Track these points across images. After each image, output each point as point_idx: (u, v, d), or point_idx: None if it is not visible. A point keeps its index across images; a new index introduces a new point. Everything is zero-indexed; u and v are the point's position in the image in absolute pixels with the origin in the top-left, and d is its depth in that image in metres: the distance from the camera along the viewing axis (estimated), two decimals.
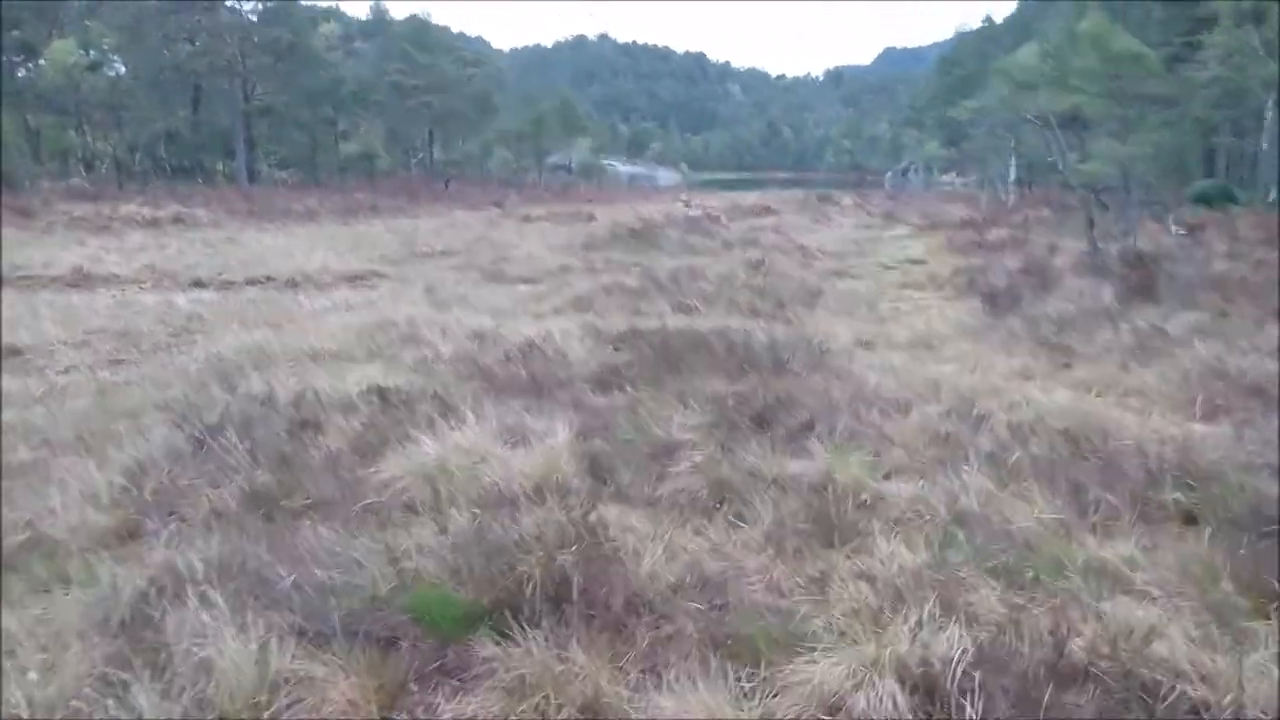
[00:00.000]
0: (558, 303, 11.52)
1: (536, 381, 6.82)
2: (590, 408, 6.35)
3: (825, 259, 18.10)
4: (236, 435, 5.05)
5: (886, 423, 5.85)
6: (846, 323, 10.76)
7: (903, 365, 8.10)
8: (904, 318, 11.36)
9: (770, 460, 4.95)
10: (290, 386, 6.78)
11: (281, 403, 5.82)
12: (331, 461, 5.10)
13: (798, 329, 8.66)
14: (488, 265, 17.50)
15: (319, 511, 4.48)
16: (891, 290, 14.39)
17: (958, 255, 19.03)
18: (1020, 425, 5.85)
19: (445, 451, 4.97)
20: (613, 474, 5.01)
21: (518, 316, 10.67)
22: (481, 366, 7.56)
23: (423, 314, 10.29)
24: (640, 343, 8.40)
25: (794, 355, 7.21)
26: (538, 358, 7.56)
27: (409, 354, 8.45)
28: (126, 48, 41.05)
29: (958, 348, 9.22)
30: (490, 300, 11.99)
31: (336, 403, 6.29)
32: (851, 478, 4.78)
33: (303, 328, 10.09)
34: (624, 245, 18.99)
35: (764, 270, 13.05)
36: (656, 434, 5.79)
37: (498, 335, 8.74)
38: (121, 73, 43.67)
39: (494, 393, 6.81)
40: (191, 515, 4.34)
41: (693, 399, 6.39)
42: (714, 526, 4.38)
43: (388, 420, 5.73)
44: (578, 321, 9.95)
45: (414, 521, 4.31)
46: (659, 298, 11.67)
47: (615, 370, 7.31)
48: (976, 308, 11.50)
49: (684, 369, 7.31)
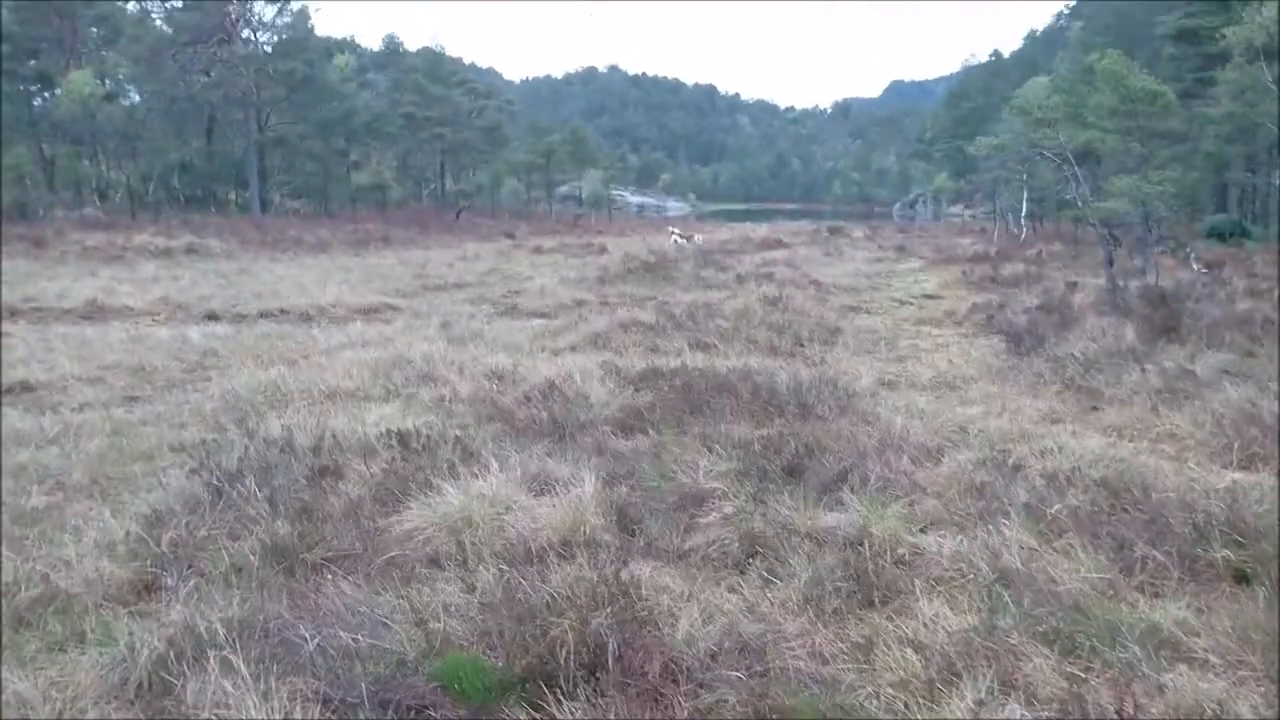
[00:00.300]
0: (574, 339, 11.42)
1: (558, 424, 6.70)
2: (613, 452, 6.24)
3: (840, 294, 17.98)
4: (255, 483, 4.93)
5: (918, 471, 5.71)
6: (867, 362, 10.63)
7: (928, 408, 7.95)
8: (925, 356, 11.21)
9: (803, 512, 4.80)
10: (308, 428, 6.69)
11: (300, 448, 5.68)
12: (352, 510, 4.98)
13: (821, 369, 8.52)
14: (501, 299, 17.47)
15: (340, 565, 4.35)
16: (908, 327, 14.26)
17: (972, 290, 18.92)
18: (1056, 474, 5.69)
19: (469, 501, 4.84)
20: (640, 525, 4.88)
21: (534, 354, 10.57)
22: (501, 408, 7.45)
23: (438, 350, 10.19)
24: (661, 383, 8.29)
25: (819, 398, 7.08)
26: (558, 399, 7.44)
27: (426, 393, 8.36)
28: (143, 78, 41.42)
29: (982, 389, 9.07)
30: (505, 336, 11.90)
31: (356, 446, 6.18)
32: (888, 531, 4.64)
33: (318, 364, 10.01)
34: (637, 279, 18.94)
35: (781, 306, 12.94)
36: (682, 481, 5.67)
37: (515, 374, 8.64)
38: (136, 102, 44.09)
39: (515, 435, 6.70)
40: (210, 569, 4.21)
41: (718, 444, 6.27)
42: (747, 583, 4.24)
43: (409, 466, 5.61)
44: (596, 359, 9.84)
45: (439, 577, 4.18)
46: (676, 334, 11.56)
47: (637, 412, 7.19)
48: (999, 346, 11.37)
49: (707, 412, 7.20)
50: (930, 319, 15.03)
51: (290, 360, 10.46)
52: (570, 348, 11.05)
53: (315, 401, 8.26)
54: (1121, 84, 15.29)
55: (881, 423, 7.05)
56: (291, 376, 9.10)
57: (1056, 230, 31.56)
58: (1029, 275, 19.67)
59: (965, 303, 16.55)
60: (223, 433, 7.07)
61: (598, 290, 17.73)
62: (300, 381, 8.92)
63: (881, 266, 26.01)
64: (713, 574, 4.35)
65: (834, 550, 4.48)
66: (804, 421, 6.79)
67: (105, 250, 25.21)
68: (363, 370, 9.39)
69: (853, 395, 7.32)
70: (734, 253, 27.79)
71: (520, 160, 60.33)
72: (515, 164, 59.82)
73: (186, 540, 4.46)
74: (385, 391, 8.53)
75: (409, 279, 20.28)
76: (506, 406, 7.46)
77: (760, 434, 6.45)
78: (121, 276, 19.83)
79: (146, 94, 42.35)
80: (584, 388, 7.71)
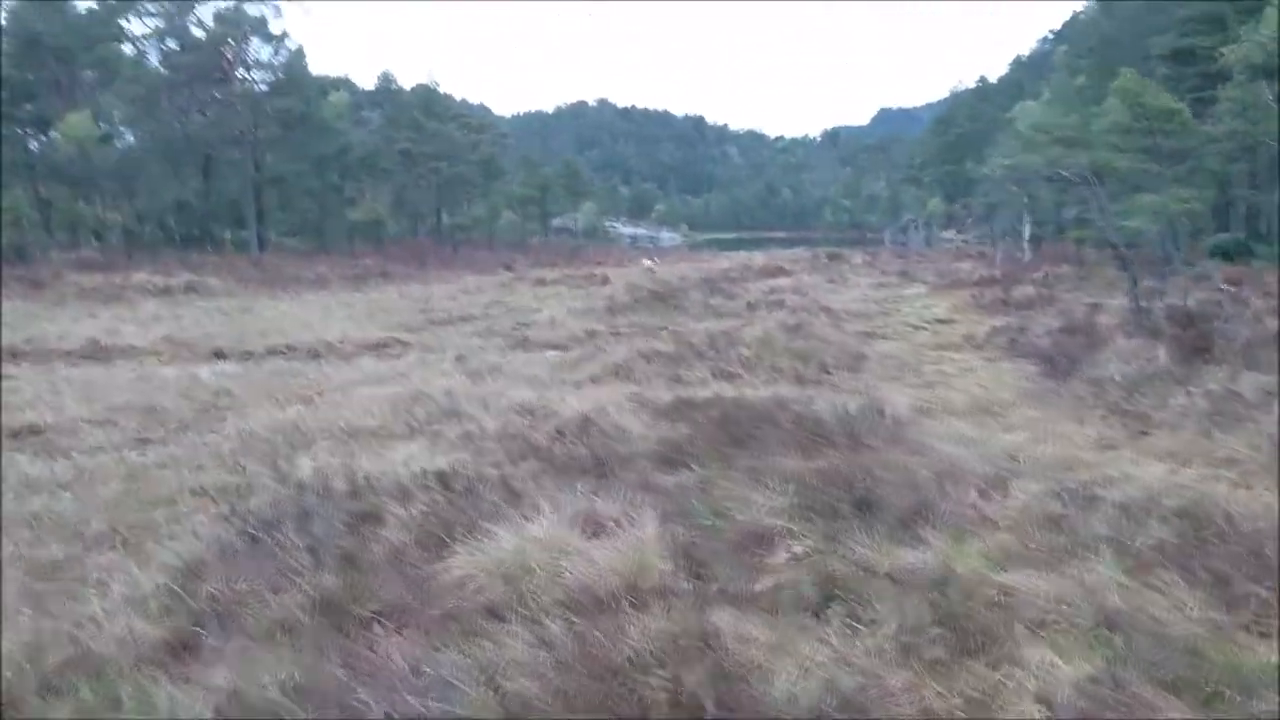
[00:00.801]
0: (594, 370, 11.14)
1: (599, 460, 6.41)
2: (659, 489, 5.93)
3: (852, 320, 17.76)
4: (294, 531, 4.62)
5: (986, 504, 5.42)
6: (896, 388, 10.37)
7: (973, 435, 7.68)
8: (953, 381, 10.96)
9: (881, 551, 4.51)
10: (334, 468, 6.39)
11: (338, 492, 5.38)
12: (396, 557, 4.68)
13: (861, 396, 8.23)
14: (510, 331, 17.21)
15: (392, 618, 4.04)
16: (928, 351, 14.01)
17: (985, 314, 18.72)
18: (1129, 505, 5.42)
19: (523, 545, 4.54)
20: (706, 568, 4.58)
21: (556, 386, 10.28)
22: (534, 444, 7.16)
23: (458, 385, 9.93)
24: (695, 414, 8.01)
25: (868, 427, 6.80)
26: (594, 433, 7.15)
27: (451, 429, 8.07)
28: (139, 119, 41.35)
29: (1022, 414, 8.80)
30: (523, 369, 11.62)
31: (388, 488, 5.89)
32: (971, 570, 4.36)
33: (334, 402, 9.72)
34: (646, 309, 18.71)
35: (803, 334, 12.70)
36: (738, 519, 5.38)
37: (543, 408, 8.35)
38: (132, 144, 43.99)
39: (554, 473, 6.41)
40: (254, 627, 3.90)
41: (768, 478, 5.99)
42: (831, 630, 3.94)
43: (450, 508, 5.31)
44: (621, 391, 9.56)
45: (502, 631, 3.87)
46: (698, 364, 11.30)
47: (677, 446, 6.90)
48: (1029, 370, 11.13)
49: (750, 444, 6.91)
50: (949, 343, 14.79)
51: (305, 398, 10.17)
52: (591, 379, 10.77)
53: (337, 440, 7.97)
54: (1137, 102, 15.20)
55: (932, 451, 6.79)
56: (310, 415, 8.82)
57: (1060, 252, 31.45)
58: (1040, 298, 19.49)
59: (981, 326, 16.34)
60: (243, 474, 6.78)
61: (608, 320, 17.48)
62: (319, 420, 8.63)
63: (887, 292, 25.84)
64: (791, 620, 4.05)
65: (918, 592, 4.19)
66: (854, 452, 6.51)
67: (104, 290, 24.93)
68: (382, 407, 9.09)
69: (902, 424, 7.03)
70: (737, 280, 27.63)
71: (515, 194, 60.36)
72: (511, 197, 59.83)
73: (225, 594, 4.14)
74: (408, 428, 8.23)
75: (413, 313, 20.02)
76: (539, 442, 7.17)
77: (811, 466, 6.16)
78: (122, 316, 19.55)
79: (143, 135, 42.23)
80: (619, 421, 7.42)
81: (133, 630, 3.98)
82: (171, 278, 27.28)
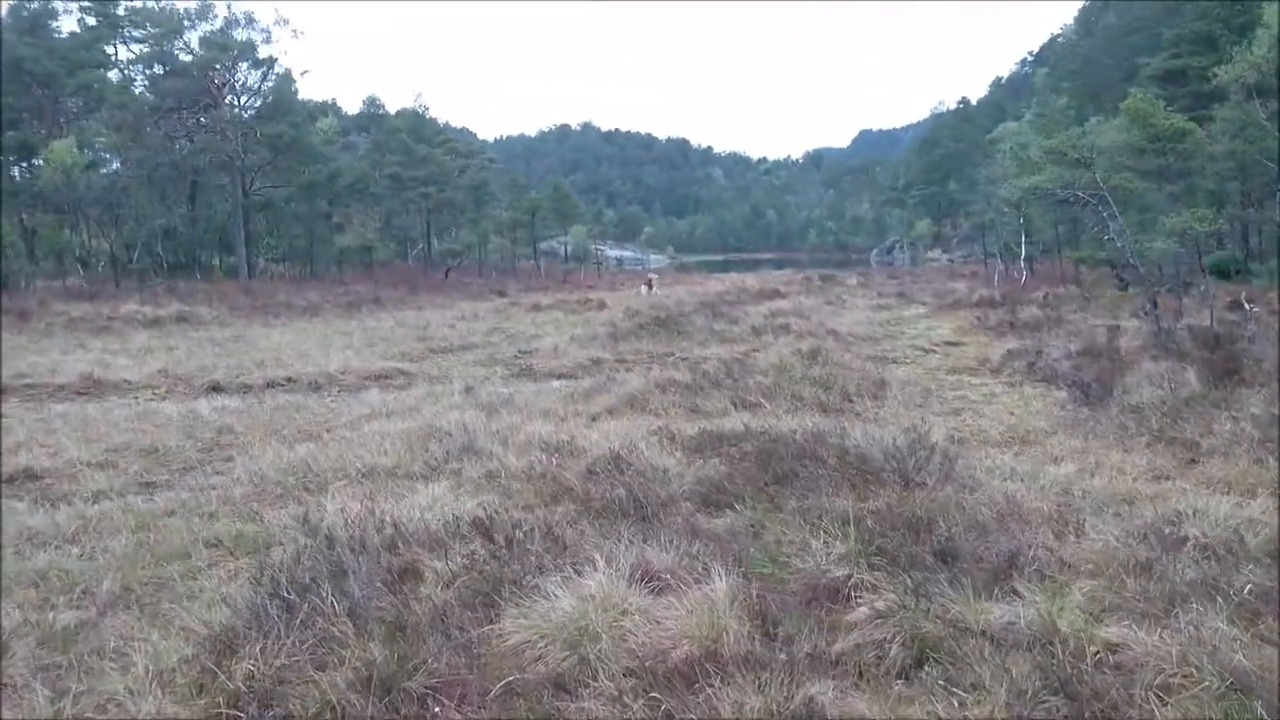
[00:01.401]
0: (609, 402, 10.79)
1: (639, 503, 6.05)
2: (708, 534, 5.59)
3: (860, 343, 17.49)
4: (332, 592, 4.25)
5: (1062, 545, 5.10)
6: (922, 416, 10.06)
7: (1019, 467, 7.37)
8: (980, 409, 10.68)
9: (971, 605, 4.17)
10: (357, 514, 6.02)
11: (374, 546, 5.00)
12: (440, 620, 4.30)
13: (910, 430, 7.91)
14: (513, 360, 16.86)
15: (448, 693, 3.67)
16: (943, 376, 13.74)
17: (993, 336, 18.52)
18: (1212, 545, 5.11)
19: (582, 605, 4.18)
20: (778, 626, 4.23)
21: (572, 419, 9.94)
22: (564, 484, 6.80)
23: (471, 419, 9.54)
24: (727, 449, 7.69)
25: (919, 463, 6.48)
26: (628, 472, 6.79)
27: (472, 467, 7.71)
28: (125, 146, 40.91)
29: (1063, 443, 8.50)
30: (535, 400, 11.26)
31: (419, 536, 5.52)
32: (1072, 626, 4.02)
33: (344, 438, 9.33)
34: (650, 335, 18.39)
35: (821, 360, 12.39)
36: (799, 567, 5.04)
37: (567, 444, 8.00)
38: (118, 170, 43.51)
39: (591, 517, 6.06)
40: (299, 710, 3.52)
41: (821, 519, 5.65)
42: (935, 699, 3.59)
43: (492, 561, 4.94)
44: (642, 424, 9.25)
45: (573, 708, 3.51)
46: (715, 393, 10.97)
47: (716, 485, 6.56)
48: (1057, 396, 10.85)
49: (792, 481, 6.58)
50: (963, 367, 14.53)
51: (313, 434, 9.79)
52: (607, 411, 10.42)
53: (353, 482, 7.60)
54: (1149, 123, 15.07)
55: (984, 488, 6.47)
56: (320, 453, 8.43)
57: (1058, 273, 31.34)
58: (1048, 319, 19.29)
59: (991, 349, 16.11)
60: (260, 523, 6.39)
61: (612, 348, 17.15)
62: (331, 459, 8.25)
63: (888, 314, 25.66)
64: (885, 688, 3.71)
65: (1019, 652, 3.85)
66: (906, 490, 6.18)
67: (92, 321, 24.42)
68: (396, 444, 8.73)
69: (951, 459, 6.70)
70: (735, 303, 27.36)
71: (505, 218, 60.12)
72: (500, 221, 59.57)
73: (263, 671, 3.76)
74: (427, 468, 7.86)
75: (412, 341, 19.63)
76: (570, 482, 6.81)
77: (865, 507, 5.83)
78: (113, 348, 19.08)
79: (129, 161, 41.77)
80: (652, 458, 7.07)
81: (163, 714, 3.60)
82: (161, 308, 26.79)
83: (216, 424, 10.38)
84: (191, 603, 4.92)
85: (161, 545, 6.04)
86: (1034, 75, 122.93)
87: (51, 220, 39.30)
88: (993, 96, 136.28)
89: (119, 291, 32.62)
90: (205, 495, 7.30)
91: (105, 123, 41.61)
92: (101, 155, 45.29)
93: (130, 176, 41.17)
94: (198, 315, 26.21)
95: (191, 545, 5.99)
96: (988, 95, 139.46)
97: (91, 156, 42.55)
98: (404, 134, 52.44)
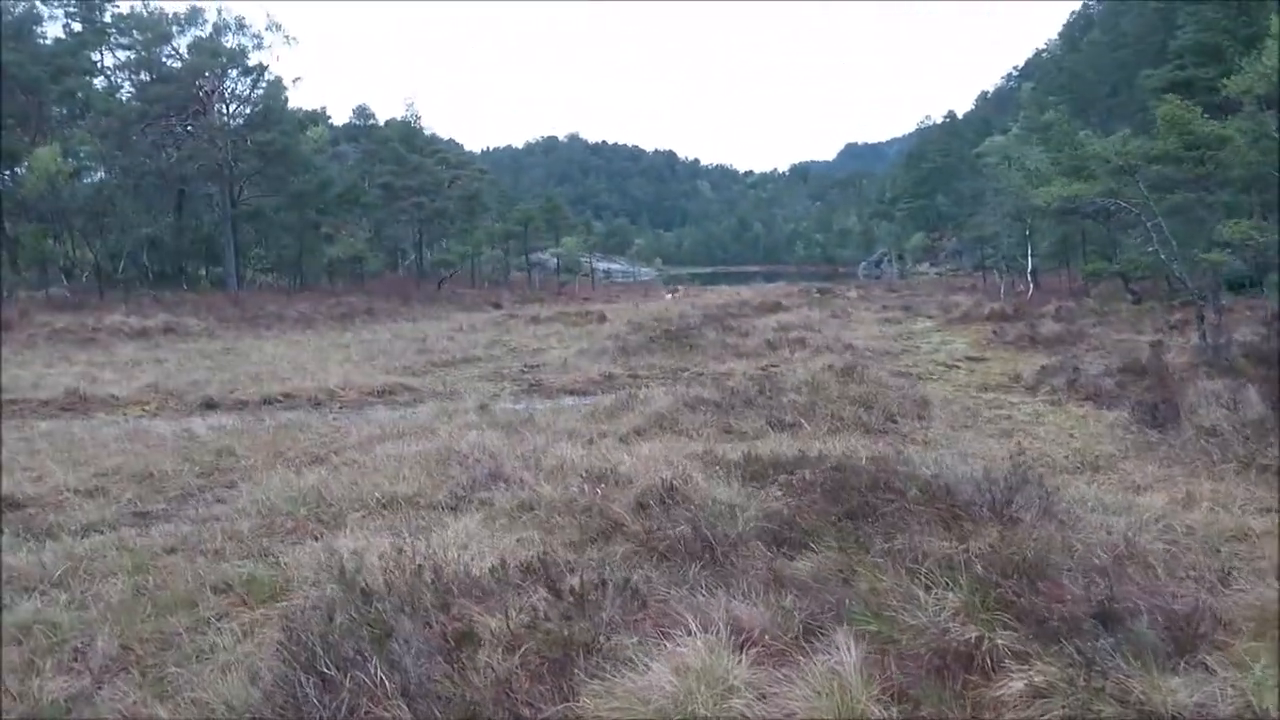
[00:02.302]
0: (636, 421, 10.09)
1: (707, 543, 5.36)
2: (793, 581, 4.90)
3: (879, 359, 16.86)
4: (380, 667, 3.53)
5: (1213, 598, 4.44)
6: (974, 438, 9.43)
7: (1103, 498, 6.72)
8: (1032, 430, 10.02)
9: (1150, 680, 3.49)
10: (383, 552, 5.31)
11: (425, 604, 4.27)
12: (505, 696, 3.59)
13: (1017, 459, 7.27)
14: (520, 375, 16.15)
15: None
16: (976, 393, 13.10)
17: (1014, 351, 17.96)
18: None
19: (685, 682, 3.48)
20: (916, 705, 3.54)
21: (599, 440, 9.23)
22: (613, 518, 6.10)
23: (491, 441, 8.84)
24: (781, 476, 7.00)
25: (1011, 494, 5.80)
26: (682, 504, 6.09)
27: (502, 497, 7.00)
28: (111, 154, 40.00)
29: (1138, 470, 7.86)
30: (556, 420, 10.54)
31: (460, 581, 4.81)
32: None
33: (354, 461, 8.61)
34: (662, 349, 17.70)
35: (858, 377, 11.74)
36: (909, 623, 4.35)
37: (604, 469, 7.29)
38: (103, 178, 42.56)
39: (652, 558, 5.37)
40: None
41: (917, 563, 4.97)
42: None
43: (557, 617, 4.23)
44: (677, 447, 8.56)
45: None
46: (748, 412, 10.31)
47: (786, 521, 5.87)
48: (1111, 417, 10.23)
49: (868, 516, 5.89)
50: (995, 384, 13.90)
51: (319, 457, 9.05)
52: (635, 432, 9.72)
53: (371, 512, 6.88)
54: (1186, 129, 14.58)
55: (1083, 524, 5.82)
56: (332, 479, 7.71)
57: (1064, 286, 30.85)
58: (1069, 334, 18.73)
59: (1018, 365, 15.53)
60: (275, 564, 5.67)
61: (623, 362, 16.45)
62: (344, 486, 7.53)
63: (898, 327, 25.08)
64: None
65: None
66: (1004, 527, 5.51)
67: (76, 333, 23.58)
68: (413, 469, 8.03)
69: (1052, 492, 6.04)
70: (739, 316, 26.75)
71: (497, 229, 59.43)
72: (492, 232, 58.86)
73: None
74: (453, 497, 7.15)
75: (413, 355, 18.87)
76: (619, 516, 6.11)
77: (967, 549, 5.15)
78: (99, 361, 18.27)
79: (115, 169, 40.85)
80: (709, 489, 6.38)
81: None
82: (148, 319, 25.96)
83: (215, 445, 9.61)
84: (202, 665, 4.22)
85: (163, 591, 5.32)
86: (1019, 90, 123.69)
87: (35, 229, 38.29)
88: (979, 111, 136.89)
89: (104, 302, 31.77)
90: (208, 528, 6.56)
91: (91, 130, 40.67)
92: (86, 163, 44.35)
93: (116, 185, 40.25)
94: (186, 326, 25.40)
95: (197, 591, 5.26)
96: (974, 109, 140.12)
97: (76, 164, 41.60)
98: (396, 143, 51.62)
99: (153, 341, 22.70)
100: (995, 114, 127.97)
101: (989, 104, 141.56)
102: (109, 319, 25.78)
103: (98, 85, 47.22)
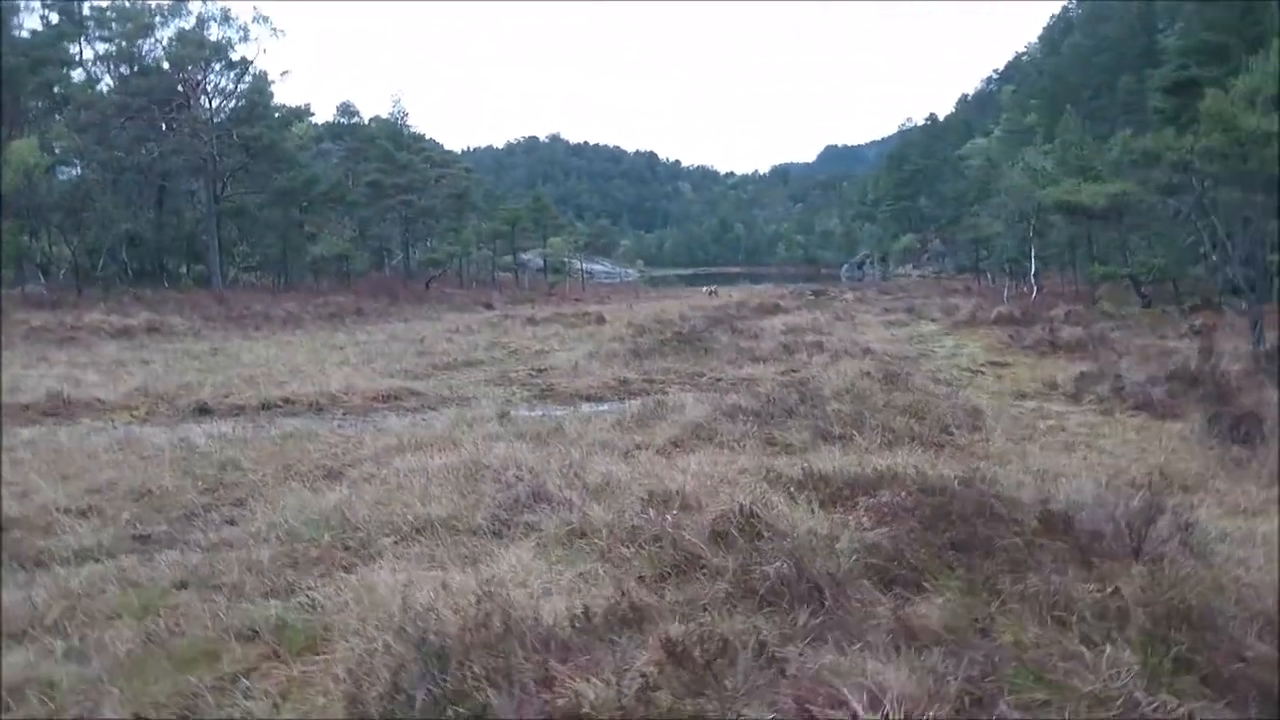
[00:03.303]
0: (671, 432, 9.36)
1: (812, 584, 4.64)
2: (925, 633, 4.19)
3: (899, 364, 16.21)
4: None
5: None
6: (1038, 453, 8.77)
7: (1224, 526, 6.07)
8: (1095, 443, 9.36)
9: None
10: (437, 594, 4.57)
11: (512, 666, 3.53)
12: None
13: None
14: (528, 379, 15.39)
15: None
16: (1012, 401, 12.47)
17: (1036, 356, 17.37)
18: None
19: None
20: None
21: (635, 452, 8.50)
22: (688, 550, 5.37)
23: (521, 454, 8.10)
24: (862, 498, 6.29)
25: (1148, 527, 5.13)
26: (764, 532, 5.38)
27: (549, 521, 6.24)
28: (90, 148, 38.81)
29: (1237, 490, 7.22)
30: (584, 429, 9.79)
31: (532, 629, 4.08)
32: None
33: (373, 475, 7.83)
34: (675, 352, 16.98)
35: (903, 384, 11.07)
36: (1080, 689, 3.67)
37: (667, 492, 6.56)
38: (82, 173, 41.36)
39: (749, 600, 4.65)
40: None
41: (1062, 611, 4.30)
42: None
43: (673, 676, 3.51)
44: (722, 460, 7.87)
45: None
46: (790, 422, 9.61)
47: (891, 555, 5.16)
48: (1171, 428, 9.63)
49: (982, 550, 5.20)
50: (1030, 391, 13.28)
51: (334, 471, 8.26)
52: (672, 443, 8.99)
53: (404, 538, 6.12)
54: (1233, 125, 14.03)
55: (1215, 557, 5.17)
56: (355, 498, 6.94)
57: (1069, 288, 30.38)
58: (1091, 338, 18.16)
59: (1048, 371, 14.92)
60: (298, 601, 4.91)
61: (636, 366, 15.71)
62: (368, 505, 6.76)
63: (906, 330, 24.51)
64: None
65: None
66: (1147, 565, 4.84)
67: (55, 331, 22.56)
68: (441, 485, 7.27)
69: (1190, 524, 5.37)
70: (742, 318, 26.13)
71: (484, 228, 58.52)
72: (480, 232, 57.93)
73: None
74: (493, 520, 6.38)
75: (412, 357, 18.06)
76: (694, 547, 5.37)
77: (1116, 591, 4.48)
78: (80, 361, 17.33)
79: (94, 164, 39.65)
80: (793, 516, 5.67)
81: None
82: (129, 317, 24.99)
83: (217, 457, 8.81)
84: None
85: (177, 637, 4.55)
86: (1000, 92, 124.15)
87: (10, 225, 37.07)
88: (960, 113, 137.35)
89: (82, 300, 30.70)
90: (221, 557, 5.77)
91: (69, 123, 39.47)
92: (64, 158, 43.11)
93: (95, 179, 39.08)
94: (170, 325, 24.46)
95: (219, 639, 4.49)
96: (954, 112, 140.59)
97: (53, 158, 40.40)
98: (384, 140, 50.63)
99: (136, 341, 21.76)
100: (976, 117, 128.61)
101: (969, 107, 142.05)
102: (89, 317, 24.80)
103: (76, 78, 45.97)
